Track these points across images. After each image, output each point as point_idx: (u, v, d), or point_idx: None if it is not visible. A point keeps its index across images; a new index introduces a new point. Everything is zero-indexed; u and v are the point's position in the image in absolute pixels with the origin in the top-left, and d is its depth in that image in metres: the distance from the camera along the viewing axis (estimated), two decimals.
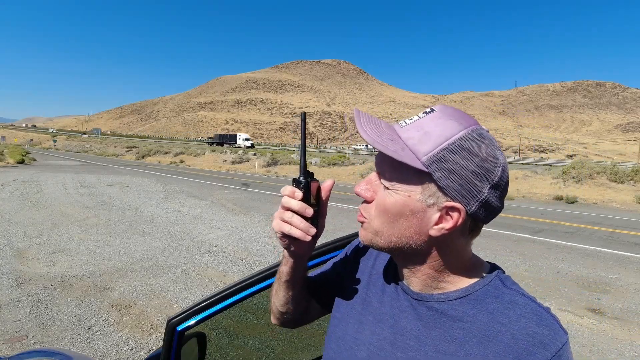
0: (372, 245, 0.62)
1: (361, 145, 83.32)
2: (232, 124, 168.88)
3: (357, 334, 0.67)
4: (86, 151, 56.30)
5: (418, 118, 0.57)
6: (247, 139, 70.60)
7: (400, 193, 0.56)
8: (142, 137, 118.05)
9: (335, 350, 0.69)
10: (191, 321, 1.02)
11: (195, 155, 38.32)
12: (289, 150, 54.02)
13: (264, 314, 1.34)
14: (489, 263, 0.64)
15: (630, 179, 15.45)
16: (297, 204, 0.61)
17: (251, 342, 1.46)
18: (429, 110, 0.58)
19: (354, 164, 26.15)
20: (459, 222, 0.55)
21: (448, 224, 0.55)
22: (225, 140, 74.10)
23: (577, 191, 14.94)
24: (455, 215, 0.54)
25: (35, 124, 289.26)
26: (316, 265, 0.98)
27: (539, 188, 15.92)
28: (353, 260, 0.77)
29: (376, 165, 0.61)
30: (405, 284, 0.64)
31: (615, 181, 15.56)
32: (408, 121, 0.58)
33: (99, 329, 3.38)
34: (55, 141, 68.07)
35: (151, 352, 1.21)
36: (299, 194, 0.62)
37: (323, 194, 0.65)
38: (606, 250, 6.62)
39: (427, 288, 0.61)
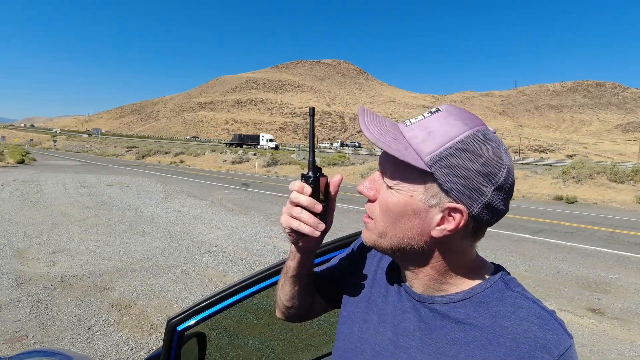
0: (376, 247, 0.62)
1: (325, 143, 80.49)
2: (232, 124, 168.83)
3: (362, 333, 0.67)
4: (86, 151, 56.30)
5: (423, 117, 0.57)
6: (271, 140, 64.63)
7: (402, 192, 0.56)
8: (142, 137, 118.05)
9: (342, 348, 0.70)
10: (191, 321, 1.02)
11: (195, 155, 38.32)
12: (289, 150, 53.88)
13: (264, 314, 1.34)
14: (493, 264, 0.63)
15: (630, 179, 15.45)
16: (306, 200, 0.61)
17: (251, 342, 1.46)
18: (434, 109, 0.57)
19: (354, 163, 26.14)
20: (461, 224, 0.54)
21: (450, 225, 0.54)
22: (247, 141, 68.42)
23: (577, 191, 14.94)
24: (457, 216, 0.54)
25: (33, 124, 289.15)
26: (318, 264, 0.97)
27: (539, 188, 15.92)
28: (359, 257, 0.77)
29: (379, 164, 0.60)
30: (408, 285, 0.64)
31: (615, 181, 15.55)
32: (413, 120, 0.57)
33: (99, 329, 3.38)
34: (55, 141, 68.05)
35: (151, 352, 1.21)
36: (308, 189, 0.62)
37: (332, 189, 0.65)
38: (606, 250, 6.62)
39: (429, 290, 0.60)
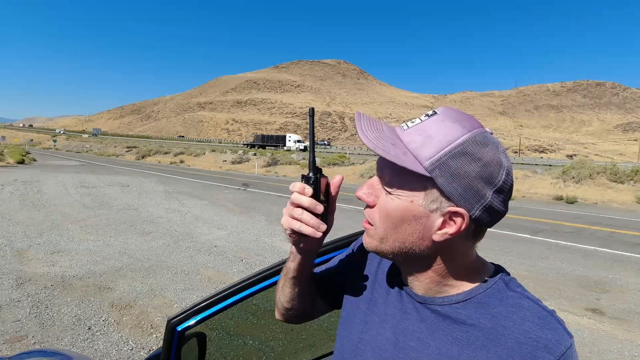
0: (377, 252, 0.62)
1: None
2: (232, 124, 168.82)
3: (363, 333, 0.67)
4: (86, 151, 56.32)
5: (420, 121, 0.56)
6: (299, 141, 59.75)
7: (402, 198, 0.56)
8: (142, 137, 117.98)
9: (342, 349, 0.70)
10: (191, 321, 1.02)
11: (195, 156, 38.32)
12: (288, 150, 53.64)
13: (264, 314, 1.34)
14: (493, 265, 0.63)
15: (630, 179, 15.44)
16: (308, 201, 0.61)
17: (251, 342, 1.46)
18: (431, 112, 0.57)
19: (353, 164, 26.14)
20: (463, 227, 0.54)
21: (451, 229, 0.54)
22: (270, 141, 63.84)
23: (577, 191, 14.93)
24: (458, 220, 0.54)
25: (32, 124, 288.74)
26: (318, 264, 0.97)
27: (539, 188, 15.92)
28: (360, 258, 0.76)
29: (377, 169, 0.60)
30: (409, 287, 0.64)
31: (615, 181, 15.55)
32: (410, 124, 0.57)
33: (99, 329, 3.38)
34: (55, 141, 68.10)
35: (151, 352, 1.21)
36: (309, 190, 0.61)
37: (332, 190, 0.64)
38: (606, 250, 6.62)
39: (430, 292, 0.61)
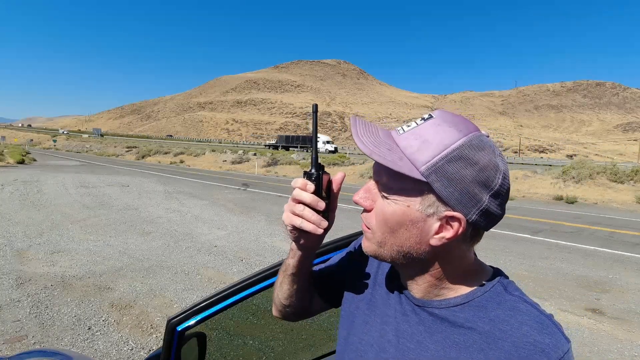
0: (377, 257, 0.62)
1: (272, 141, 76.63)
2: (232, 124, 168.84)
3: (364, 334, 0.67)
4: (86, 151, 56.31)
5: (416, 125, 0.56)
6: (329, 142, 56.56)
7: (399, 203, 0.56)
8: (142, 137, 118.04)
9: (343, 349, 0.70)
10: (191, 321, 1.02)
11: (195, 156, 38.33)
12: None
13: (264, 314, 1.34)
14: (492, 268, 0.63)
15: (630, 179, 15.44)
16: (309, 197, 0.61)
17: (251, 342, 1.46)
18: (427, 116, 0.57)
19: (353, 163, 26.15)
20: (460, 232, 0.54)
21: (448, 233, 0.55)
22: (296, 142, 59.62)
23: (577, 191, 14.93)
24: (455, 224, 0.54)
25: (30, 124, 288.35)
26: (317, 264, 0.97)
27: (539, 188, 15.91)
28: (360, 257, 0.76)
29: (374, 174, 0.60)
30: (408, 290, 0.64)
31: (615, 181, 15.54)
32: (406, 128, 0.57)
33: (99, 329, 3.38)
34: (55, 141, 68.10)
35: (151, 352, 1.21)
36: (311, 186, 0.61)
37: (334, 187, 0.64)
38: (606, 250, 6.62)
39: (429, 295, 0.61)
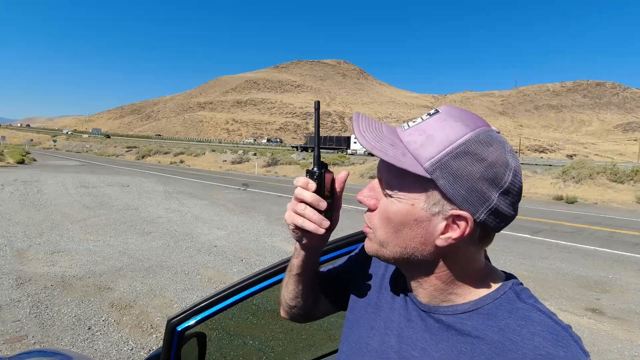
0: (378, 257, 0.60)
1: (249, 139, 75.57)
2: (232, 124, 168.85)
3: (368, 339, 0.65)
4: (86, 151, 56.31)
5: (421, 120, 0.54)
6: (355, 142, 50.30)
7: (403, 201, 0.53)
8: (142, 137, 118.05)
9: (347, 353, 0.68)
10: (191, 321, 1.02)
11: (195, 156, 38.33)
12: (289, 150, 53.22)
13: (264, 314, 1.34)
14: (504, 273, 0.59)
15: (630, 179, 15.44)
16: (311, 196, 0.59)
17: (251, 342, 1.46)
18: (433, 111, 0.55)
19: (354, 163, 26.16)
20: (467, 232, 0.51)
21: (455, 233, 0.52)
22: (329, 143, 53.95)
23: (577, 191, 14.93)
24: (462, 224, 0.51)
25: (29, 124, 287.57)
26: (323, 262, 0.97)
27: (539, 188, 15.91)
28: (367, 260, 0.74)
29: (378, 171, 0.58)
30: (413, 294, 0.61)
31: (615, 181, 15.55)
32: (411, 124, 0.55)
33: (99, 329, 3.38)
34: (55, 141, 68.10)
35: (151, 352, 1.21)
36: (313, 185, 0.60)
37: (337, 185, 0.63)
38: (606, 250, 6.62)
39: (435, 300, 0.58)
